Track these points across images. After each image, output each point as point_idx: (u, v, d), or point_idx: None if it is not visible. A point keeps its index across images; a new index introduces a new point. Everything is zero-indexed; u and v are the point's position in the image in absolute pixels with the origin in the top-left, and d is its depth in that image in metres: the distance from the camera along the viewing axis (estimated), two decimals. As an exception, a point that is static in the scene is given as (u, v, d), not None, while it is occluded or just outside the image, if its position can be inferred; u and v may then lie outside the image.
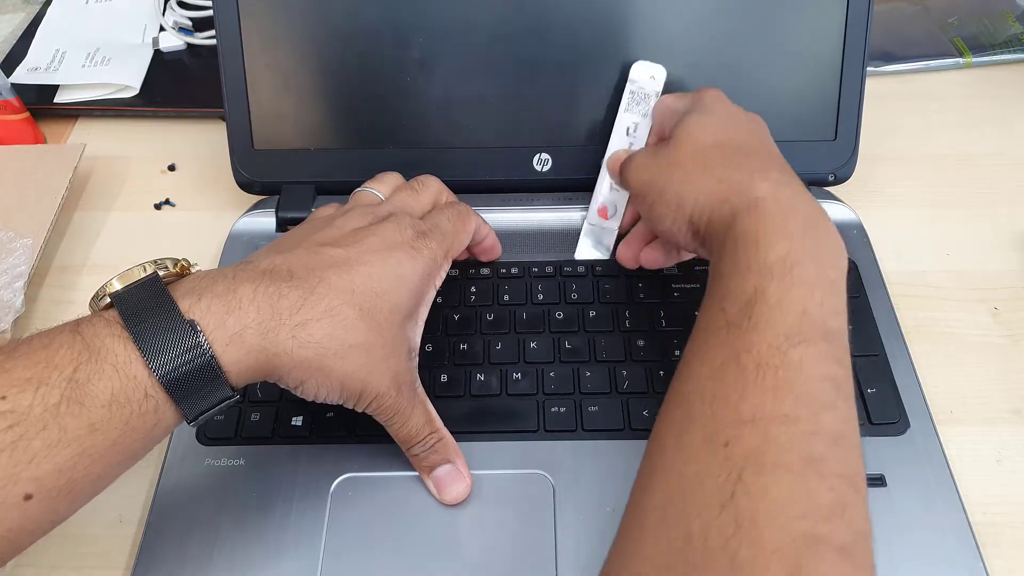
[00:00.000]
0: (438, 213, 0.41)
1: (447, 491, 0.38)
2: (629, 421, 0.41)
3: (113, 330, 0.29)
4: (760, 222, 0.33)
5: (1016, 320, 0.47)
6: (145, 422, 0.29)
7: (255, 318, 0.31)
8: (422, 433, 0.37)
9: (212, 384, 0.30)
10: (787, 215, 0.33)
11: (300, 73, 0.49)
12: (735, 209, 0.34)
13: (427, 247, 0.37)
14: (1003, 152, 0.57)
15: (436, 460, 0.38)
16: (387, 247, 0.36)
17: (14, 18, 0.70)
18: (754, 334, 0.29)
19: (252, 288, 0.32)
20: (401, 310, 0.36)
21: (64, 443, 0.27)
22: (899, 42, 0.64)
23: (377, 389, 0.34)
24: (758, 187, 0.34)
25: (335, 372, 0.33)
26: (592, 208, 0.48)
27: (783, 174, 0.36)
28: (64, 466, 0.27)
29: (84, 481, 0.28)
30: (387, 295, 0.35)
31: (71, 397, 0.27)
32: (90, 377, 0.28)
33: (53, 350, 0.28)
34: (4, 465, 0.26)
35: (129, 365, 0.29)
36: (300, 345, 0.32)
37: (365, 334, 0.34)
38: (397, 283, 0.36)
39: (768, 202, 0.33)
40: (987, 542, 0.37)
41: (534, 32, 0.48)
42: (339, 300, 0.33)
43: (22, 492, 0.27)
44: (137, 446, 0.30)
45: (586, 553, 0.37)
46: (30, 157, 0.55)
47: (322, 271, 0.34)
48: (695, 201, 0.36)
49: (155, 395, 0.29)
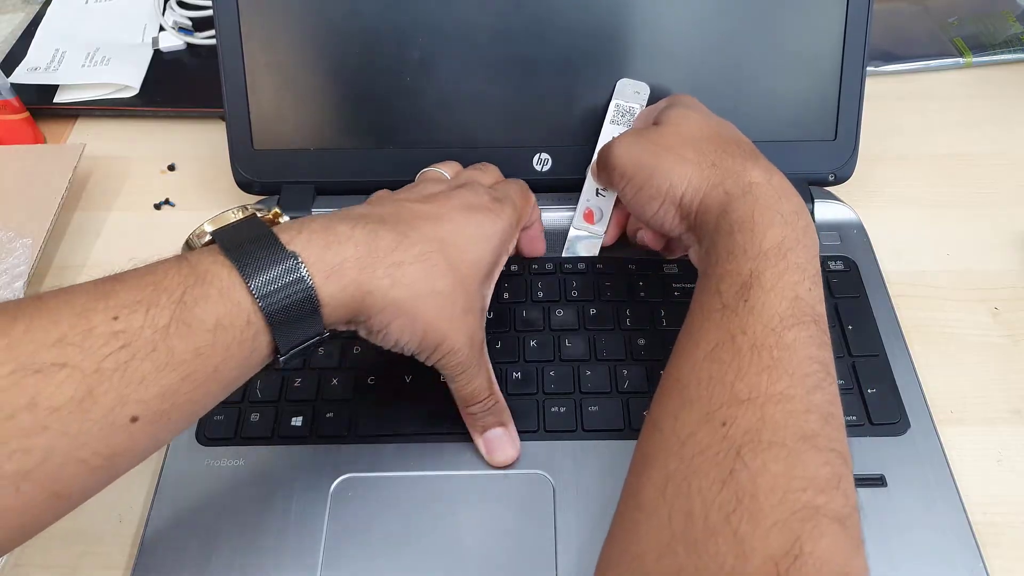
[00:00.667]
0: (506, 185, 0.43)
1: (497, 454, 0.39)
2: (629, 421, 0.41)
3: (217, 258, 0.30)
4: (756, 207, 0.34)
5: (1016, 320, 0.47)
6: (243, 349, 0.30)
7: (353, 253, 0.32)
8: (483, 394, 0.38)
9: (309, 317, 0.31)
10: (780, 200, 0.34)
11: (300, 73, 0.49)
12: (729, 193, 0.35)
13: (504, 211, 0.39)
14: (1003, 152, 0.57)
15: (491, 422, 0.39)
16: (469, 207, 0.38)
17: (14, 18, 0.70)
18: (750, 316, 0.30)
19: (350, 227, 0.33)
20: (482, 268, 0.37)
21: (171, 366, 0.27)
22: (899, 42, 0.64)
23: (454, 343, 0.35)
24: (751, 173, 0.35)
25: (421, 318, 0.33)
26: (578, 213, 0.48)
27: (768, 162, 0.37)
28: (168, 390, 0.27)
29: (183, 407, 0.28)
30: (471, 251, 0.36)
31: (180, 319, 0.28)
32: (197, 300, 0.28)
33: (160, 274, 0.29)
34: (116, 385, 0.26)
35: (233, 290, 0.29)
36: (394, 285, 0.32)
37: (451, 285, 0.34)
38: (480, 241, 0.37)
39: (763, 187, 0.34)
40: (987, 542, 0.37)
41: (534, 32, 0.48)
42: (430, 247, 0.34)
43: (130, 414, 0.27)
44: (233, 375, 0.30)
45: (586, 553, 0.37)
46: (30, 157, 0.55)
47: (412, 220, 0.35)
48: (688, 184, 0.37)
49: (256, 322, 0.30)
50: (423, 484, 0.39)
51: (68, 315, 0.26)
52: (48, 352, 0.25)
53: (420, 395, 0.42)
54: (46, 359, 0.25)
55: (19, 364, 0.25)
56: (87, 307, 0.27)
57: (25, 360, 0.25)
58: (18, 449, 0.24)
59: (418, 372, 0.43)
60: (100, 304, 0.27)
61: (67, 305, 0.27)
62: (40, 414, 0.25)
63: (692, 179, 0.37)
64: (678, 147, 0.38)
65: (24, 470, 0.25)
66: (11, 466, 0.24)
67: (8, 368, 0.25)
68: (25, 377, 0.25)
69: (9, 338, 0.25)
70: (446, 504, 0.38)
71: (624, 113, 0.48)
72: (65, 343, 0.26)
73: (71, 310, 0.26)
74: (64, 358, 0.25)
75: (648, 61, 0.48)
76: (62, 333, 0.26)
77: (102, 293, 0.27)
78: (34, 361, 0.25)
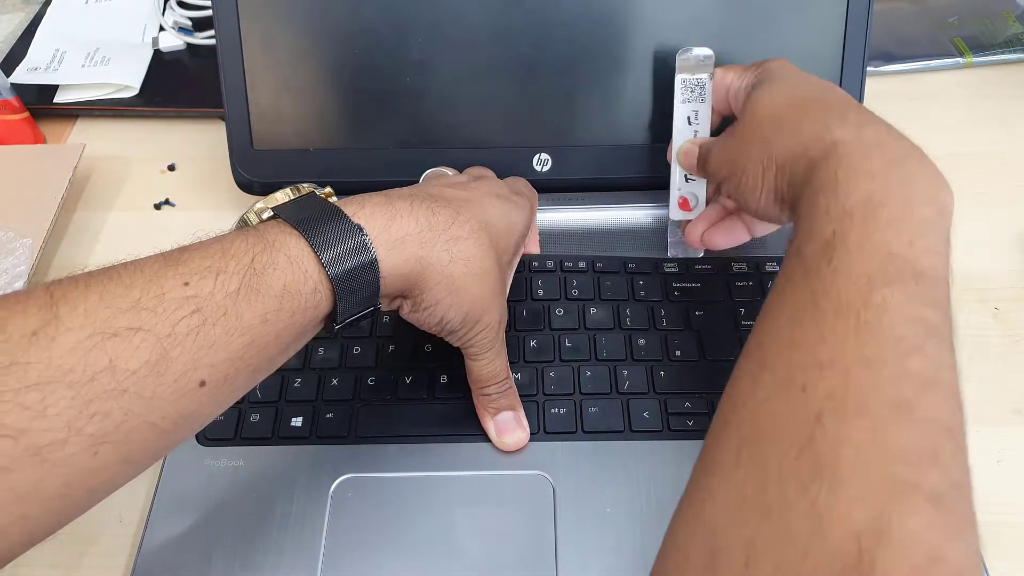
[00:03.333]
0: (513, 181, 0.44)
1: (507, 436, 0.40)
2: (629, 422, 0.41)
3: (284, 228, 0.31)
4: (839, 165, 0.31)
5: (1016, 320, 0.47)
6: (305, 316, 0.30)
7: (415, 227, 0.33)
8: (501, 375, 0.39)
9: (370, 287, 0.32)
10: (869, 154, 0.31)
11: (300, 73, 0.49)
12: (812, 160, 0.33)
13: (523, 203, 0.41)
14: (1003, 152, 0.57)
15: (503, 404, 0.40)
16: (498, 195, 0.39)
17: (14, 18, 0.70)
18: (834, 278, 0.28)
19: (408, 203, 0.34)
20: (510, 252, 0.39)
21: (240, 331, 0.28)
22: (899, 42, 0.64)
23: (490, 319, 0.36)
24: (835, 131, 0.33)
25: (468, 294, 0.34)
26: (672, 203, 0.46)
27: (861, 115, 0.34)
28: (235, 355, 0.28)
29: (245, 372, 0.29)
30: (504, 235, 0.38)
31: (250, 285, 0.28)
32: (266, 267, 0.29)
33: (228, 243, 0.29)
34: (188, 349, 0.26)
35: (302, 259, 0.30)
36: (452, 259, 0.34)
37: (493, 263, 0.36)
38: (510, 227, 0.39)
39: (848, 144, 0.32)
40: (987, 542, 0.37)
41: (534, 32, 0.48)
42: (478, 226, 0.35)
43: (200, 378, 0.27)
44: (291, 341, 0.31)
45: (586, 553, 0.37)
46: (30, 157, 0.55)
47: (457, 202, 0.36)
48: (776, 165, 0.35)
49: (322, 290, 0.30)
50: (423, 484, 0.39)
51: (141, 282, 0.27)
52: (124, 317, 0.26)
53: (420, 395, 0.42)
54: (122, 323, 0.25)
55: (96, 328, 0.25)
56: (158, 274, 0.27)
57: (102, 325, 0.25)
58: (99, 411, 0.25)
59: (418, 374, 0.43)
60: (171, 271, 0.27)
61: (139, 272, 0.27)
62: (119, 376, 0.25)
63: (778, 159, 0.35)
64: (761, 131, 0.36)
65: (103, 432, 0.25)
66: (92, 428, 0.25)
67: (86, 332, 0.25)
68: (103, 341, 0.25)
69: (86, 304, 0.25)
70: (446, 504, 0.38)
71: (693, 88, 0.44)
72: (140, 308, 0.26)
73: (143, 277, 0.27)
74: (139, 322, 0.26)
75: (648, 61, 0.48)
76: (135, 298, 0.26)
77: (172, 261, 0.28)
78: (111, 326, 0.25)
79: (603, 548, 0.37)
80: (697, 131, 0.45)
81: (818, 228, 0.30)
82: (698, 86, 0.44)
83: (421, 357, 0.44)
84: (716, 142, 0.41)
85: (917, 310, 0.26)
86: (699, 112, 0.44)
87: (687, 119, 0.44)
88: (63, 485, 0.25)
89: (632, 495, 0.39)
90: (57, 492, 0.25)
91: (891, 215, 0.29)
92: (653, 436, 0.41)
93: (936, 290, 0.27)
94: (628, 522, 0.38)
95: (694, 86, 0.44)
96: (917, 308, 0.27)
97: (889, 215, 0.29)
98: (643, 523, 0.38)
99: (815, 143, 0.33)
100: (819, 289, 0.28)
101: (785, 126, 0.35)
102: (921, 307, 0.27)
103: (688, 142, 0.44)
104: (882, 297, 0.26)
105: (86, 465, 0.25)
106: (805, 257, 0.29)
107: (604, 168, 0.50)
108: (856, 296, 0.27)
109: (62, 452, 0.24)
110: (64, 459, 0.24)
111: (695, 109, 0.44)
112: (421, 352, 0.44)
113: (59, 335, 0.25)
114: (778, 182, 0.35)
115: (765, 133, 0.36)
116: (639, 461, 0.40)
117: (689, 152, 0.44)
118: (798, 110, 0.36)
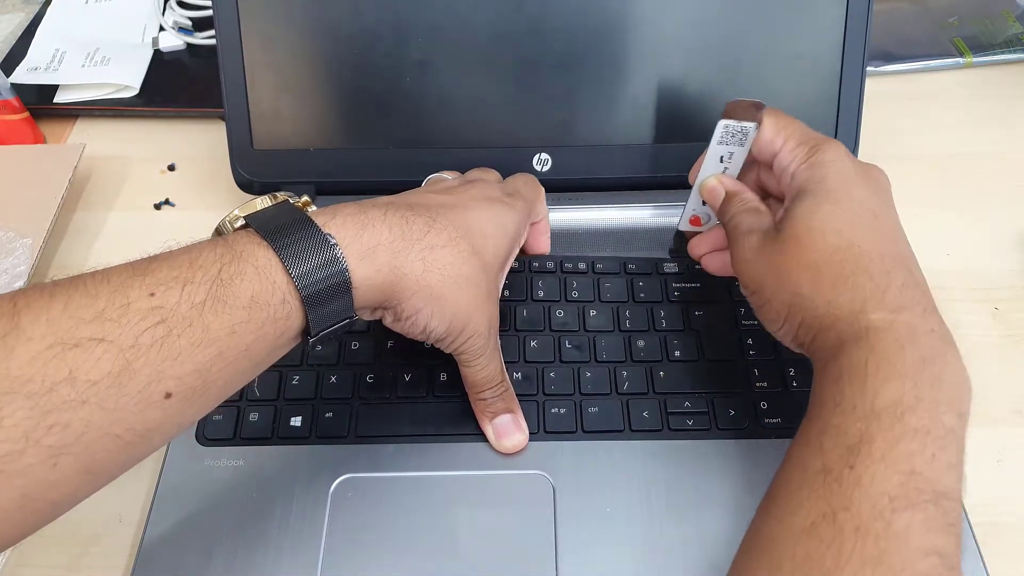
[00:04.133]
0: (514, 180, 0.43)
1: (506, 439, 0.39)
2: (629, 423, 0.41)
3: (253, 239, 0.30)
4: (871, 356, 0.30)
5: (1016, 320, 0.47)
6: (276, 328, 0.30)
7: (387, 237, 0.33)
8: (496, 379, 0.39)
9: (342, 298, 0.31)
10: (902, 348, 0.30)
11: (300, 73, 0.49)
12: (842, 337, 0.31)
13: (517, 204, 0.40)
14: (1003, 152, 0.57)
15: (500, 408, 0.39)
16: (487, 198, 0.38)
17: (14, 18, 0.70)
18: (855, 490, 0.27)
19: (382, 212, 0.33)
20: (500, 256, 0.38)
21: (206, 343, 0.28)
22: (899, 42, 0.64)
23: (477, 327, 0.36)
24: (871, 315, 0.31)
25: (450, 302, 0.34)
26: (683, 218, 0.45)
27: (903, 294, 0.32)
28: (202, 366, 0.28)
29: (215, 384, 0.29)
30: (492, 239, 0.37)
31: (216, 296, 0.28)
32: (233, 278, 0.29)
33: (196, 253, 0.29)
34: (152, 361, 0.26)
35: (270, 269, 0.30)
36: (427, 269, 0.33)
37: (477, 270, 0.35)
38: (499, 230, 0.38)
39: (881, 333, 0.31)
40: (987, 542, 0.37)
41: (534, 32, 0.48)
42: (457, 233, 0.35)
43: (165, 390, 0.27)
44: (263, 354, 0.30)
45: (586, 553, 0.37)
46: (30, 157, 0.55)
47: (438, 208, 0.36)
48: (802, 320, 0.34)
49: (291, 301, 0.30)
50: (423, 484, 0.39)
51: (106, 292, 0.26)
52: (87, 327, 0.25)
53: (420, 394, 0.42)
54: (84, 334, 0.25)
55: (57, 339, 0.25)
56: (124, 284, 0.27)
57: (64, 335, 0.25)
58: (57, 423, 0.25)
59: (418, 372, 0.43)
60: (137, 281, 0.27)
61: (104, 282, 0.27)
62: (79, 387, 0.25)
63: (806, 316, 0.33)
64: (798, 273, 0.34)
65: (62, 443, 0.25)
66: (50, 439, 0.24)
67: (47, 342, 0.25)
68: (64, 351, 0.25)
69: (49, 314, 0.25)
70: (446, 504, 0.38)
71: (735, 133, 0.40)
72: (103, 319, 0.26)
73: (108, 287, 0.27)
74: (102, 333, 0.26)
75: (648, 61, 0.48)
76: (100, 308, 0.26)
77: (139, 271, 0.28)
78: (73, 336, 0.25)
79: (603, 548, 0.37)
80: (727, 169, 0.42)
81: (842, 423, 0.29)
82: (740, 132, 0.41)
83: (421, 354, 0.44)
84: (748, 248, 0.37)
85: (935, 541, 0.26)
86: (734, 155, 0.42)
87: (720, 158, 0.42)
88: (20, 497, 0.24)
89: (632, 495, 0.39)
90: (14, 504, 0.24)
91: (918, 424, 0.28)
92: (653, 436, 0.41)
93: (952, 511, 0.27)
94: (628, 522, 0.38)
95: (736, 131, 0.41)
96: (935, 536, 0.27)
97: (916, 423, 0.28)
98: (643, 523, 0.38)
99: (848, 322, 0.32)
100: (839, 501, 0.27)
101: (822, 284, 0.33)
102: (939, 536, 0.27)
103: (714, 177, 0.42)
104: (903, 523, 0.26)
105: (44, 477, 0.25)
106: (826, 452, 0.29)
107: (604, 168, 0.50)
108: (877, 518, 0.26)
109: (19, 463, 0.24)
110: (20, 470, 0.24)
111: (731, 151, 0.42)
112: (420, 348, 0.44)
113: (19, 345, 0.24)
114: (800, 333, 0.34)
115: (799, 282, 0.34)
116: (639, 461, 0.40)
117: (714, 190, 0.41)
118: (838, 267, 0.33)
